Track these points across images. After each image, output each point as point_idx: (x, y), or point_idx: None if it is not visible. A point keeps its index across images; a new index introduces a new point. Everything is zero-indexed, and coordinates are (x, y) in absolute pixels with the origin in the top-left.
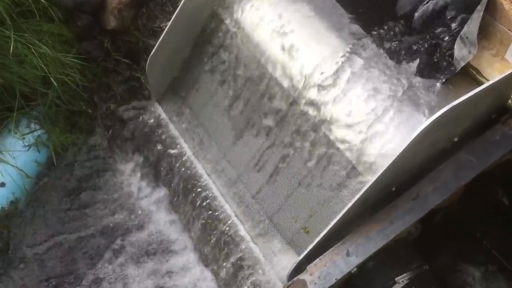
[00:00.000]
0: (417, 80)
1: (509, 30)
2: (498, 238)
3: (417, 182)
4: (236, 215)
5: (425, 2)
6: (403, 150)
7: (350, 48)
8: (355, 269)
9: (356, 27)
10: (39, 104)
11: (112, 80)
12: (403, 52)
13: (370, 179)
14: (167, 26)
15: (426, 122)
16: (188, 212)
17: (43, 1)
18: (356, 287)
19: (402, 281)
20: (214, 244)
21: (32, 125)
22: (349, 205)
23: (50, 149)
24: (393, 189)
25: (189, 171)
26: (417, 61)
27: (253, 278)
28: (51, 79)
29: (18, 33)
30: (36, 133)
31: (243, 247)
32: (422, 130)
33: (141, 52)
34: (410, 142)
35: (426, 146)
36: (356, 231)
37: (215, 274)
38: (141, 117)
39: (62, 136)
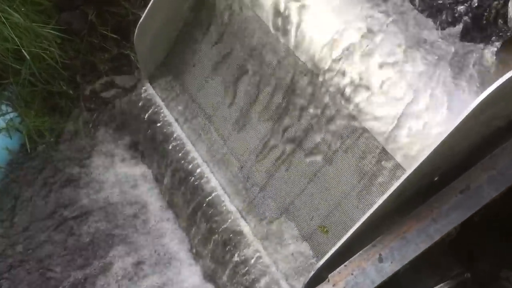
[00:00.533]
0: (461, 45)
1: None
2: None
3: (466, 169)
4: (239, 212)
5: None
6: (454, 128)
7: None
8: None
9: None
10: (11, 83)
11: (97, 58)
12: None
13: (409, 166)
14: None
15: (484, 93)
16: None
17: None
18: None
19: None
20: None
21: (3, 107)
22: (383, 198)
23: (24, 135)
24: (436, 178)
25: (186, 163)
26: (461, 23)
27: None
28: (25, 53)
29: None
30: (7, 116)
31: (248, 250)
32: (479, 103)
33: (131, 26)
34: (464, 117)
35: (480, 124)
36: (390, 231)
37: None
38: (128, 97)
39: (38, 120)
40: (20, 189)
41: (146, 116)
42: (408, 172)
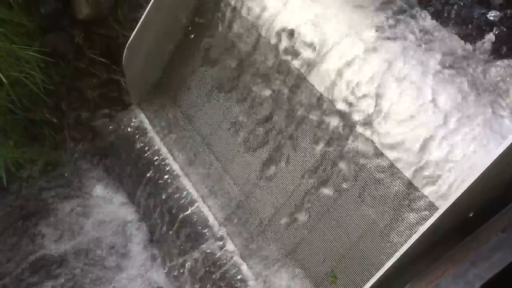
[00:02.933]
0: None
1: None
2: None
3: (506, 205)
4: (240, 256)
5: None
6: (492, 162)
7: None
8: None
9: None
10: None
11: (84, 84)
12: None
13: (443, 202)
14: (149, 5)
15: None
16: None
17: None
18: None
19: None
20: None
21: None
22: (413, 238)
23: (0, 167)
24: (471, 214)
25: (180, 199)
26: (492, 36)
27: None
28: (2, 78)
29: None
30: None
31: None
32: None
33: (121, 49)
34: (503, 151)
35: None
36: (421, 278)
37: None
38: (117, 127)
39: (17, 152)
40: None
41: (135, 148)
42: (442, 208)
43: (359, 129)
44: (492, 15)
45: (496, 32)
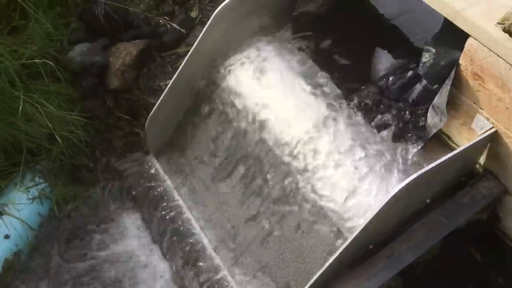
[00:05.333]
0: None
1: (473, 103)
2: None
3: (393, 240)
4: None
5: (398, 72)
6: (376, 213)
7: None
8: None
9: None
10: (43, 159)
11: (113, 135)
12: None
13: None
14: (166, 88)
15: (396, 187)
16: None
17: (52, 64)
18: None
19: None
20: None
21: (37, 179)
22: (325, 266)
23: (53, 202)
24: (371, 247)
25: (181, 227)
26: (392, 127)
27: None
28: (56, 136)
29: (27, 93)
30: (40, 186)
31: None
32: (392, 196)
33: (141, 109)
34: (383, 205)
35: (400, 208)
36: (339, 284)
37: None
38: (138, 170)
39: (64, 189)
40: (50, 247)
41: (151, 187)
42: (346, 242)
43: None
44: None
45: None
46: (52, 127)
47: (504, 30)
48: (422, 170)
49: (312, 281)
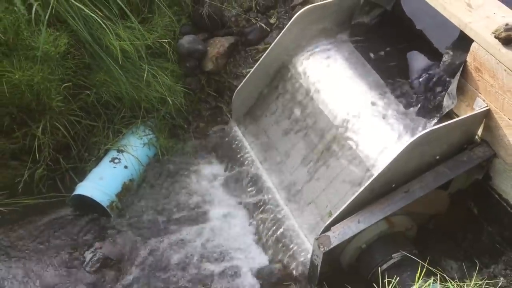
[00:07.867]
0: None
1: (475, 89)
2: (472, 241)
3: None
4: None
5: (425, 70)
6: (400, 152)
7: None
8: (364, 245)
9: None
10: (153, 117)
11: (202, 107)
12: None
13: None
14: (251, 71)
15: (413, 137)
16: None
17: (167, 47)
18: (365, 256)
19: (397, 257)
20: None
21: (147, 130)
22: (358, 192)
23: (157, 149)
24: (393, 185)
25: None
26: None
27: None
28: (168, 99)
29: (149, 66)
30: (149, 136)
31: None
32: (412, 141)
33: (225, 89)
34: (405, 147)
35: (417, 153)
36: (365, 209)
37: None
38: (221, 133)
39: (165, 141)
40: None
41: (232, 145)
42: (371, 178)
43: None
44: None
45: None
46: (165, 93)
47: (496, 38)
48: (434, 127)
49: (346, 205)
